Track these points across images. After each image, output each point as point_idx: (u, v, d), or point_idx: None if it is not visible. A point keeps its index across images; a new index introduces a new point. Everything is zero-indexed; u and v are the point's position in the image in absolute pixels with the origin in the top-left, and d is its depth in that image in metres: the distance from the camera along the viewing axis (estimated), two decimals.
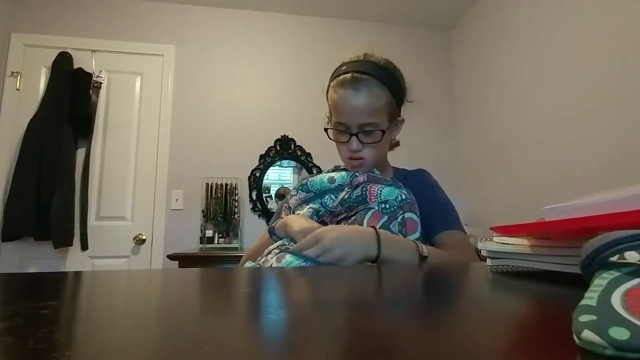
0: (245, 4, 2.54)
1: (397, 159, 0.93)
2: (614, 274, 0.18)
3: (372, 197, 0.71)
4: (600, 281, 0.17)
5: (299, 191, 0.80)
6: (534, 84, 2.00)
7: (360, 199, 0.72)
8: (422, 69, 2.76)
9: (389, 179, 0.75)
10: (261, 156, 2.44)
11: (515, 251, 0.36)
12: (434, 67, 2.79)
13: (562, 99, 1.81)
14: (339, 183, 0.76)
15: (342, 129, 0.77)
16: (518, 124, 2.11)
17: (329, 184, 0.76)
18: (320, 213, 0.76)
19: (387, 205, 0.70)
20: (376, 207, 0.70)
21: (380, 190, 0.71)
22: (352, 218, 0.72)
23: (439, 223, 0.75)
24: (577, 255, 0.20)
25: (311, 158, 2.48)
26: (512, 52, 2.18)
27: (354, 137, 0.76)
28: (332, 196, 0.76)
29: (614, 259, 0.19)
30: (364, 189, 0.72)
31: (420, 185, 0.81)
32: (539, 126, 1.96)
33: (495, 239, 0.41)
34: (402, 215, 0.69)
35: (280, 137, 2.48)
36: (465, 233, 0.78)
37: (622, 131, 1.50)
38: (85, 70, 2.26)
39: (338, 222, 0.75)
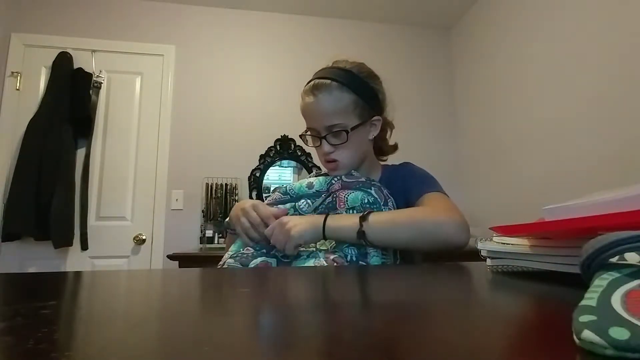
0: (245, 4, 2.54)
1: (396, 159, 0.93)
2: (614, 275, 0.18)
3: (341, 204, 0.74)
4: (601, 282, 0.17)
5: (277, 192, 0.82)
6: (534, 83, 2.00)
7: (330, 205, 0.75)
8: (422, 69, 2.76)
9: (361, 180, 0.77)
10: (261, 156, 2.44)
11: (515, 251, 0.36)
12: (434, 67, 2.79)
13: (562, 98, 1.81)
14: (317, 189, 0.77)
15: (313, 134, 0.81)
16: (518, 124, 2.11)
17: (307, 189, 0.78)
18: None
19: (354, 212, 0.72)
20: (343, 213, 0.73)
21: (347, 197, 0.74)
22: None
23: (416, 190, 0.77)
24: (577, 255, 0.20)
25: (311, 158, 2.48)
26: (512, 51, 2.18)
27: (323, 140, 0.79)
28: (309, 201, 0.78)
29: (614, 260, 0.19)
30: (334, 196, 0.75)
31: (404, 177, 0.84)
32: (539, 126, 1.96)
33: (495, 239, 0.41)
34: None
35: (280, 137, 2.48)
36: (447, 195, 0.78)
37: (622, 131, 1.50)
38: (85, 70, 2.26)
39: None
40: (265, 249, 0.71)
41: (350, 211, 0.72)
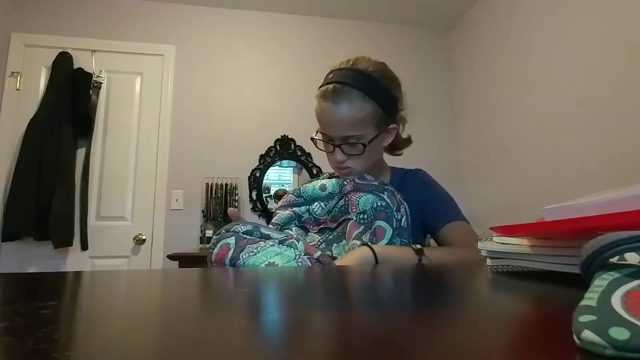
0: (245, 4, 2.54)
1: (397, 159, 0.93)
2: (614, 275, 0.18)
3: (353, 207, 0.71)
4: (600, 282, 0.17)
5: (291, 194, 0.81)
6: (534, 83, 2.00)
7: (343, 209, 0.73)
8: (422, 69, 2.76)
9: (374, 183, 0.75)
10: (261, 156, 2.44)
11: (515, 251, 0.36)
12: (434, 67, 2.79)
13: (562, 98, 1.81)
14: (330, 191, 0.76)
15: (326, 139, 0.77)
16: (518, 124, 2.11)
17: (320, 192, 0.77)
18: (303, 219, 0.77)
19: (365, 216, 0.70)
20: (354, 218, 0.70)
21: (358, 200, 0.71)
22: (337, 230, 0.73)
23: (439, 218, 0.75)
24: (577, 255, 0.20)
25: (311, 158, 2.48)
26: (512, 51, 2.18)
27: (337, 149, 0.75)
28: (322, 204, 0.76)
29: (614, 260, 0.19)
30: (347, 198, 0.73)
31: (417, 186, 0.82)
32: (539, 126, 1.96)
33: (495, 239, 0.41)
34: (374, 224, 0.69)
35: (280, 137, 2.48)
36: (468, 222, 0.78)
37: (622, 131, 1.50)
38: (85, 70, 2.26)
39: (320, 230, 0.76)
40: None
41: (361, 215, 0.69)
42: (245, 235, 0.61)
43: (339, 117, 0.72)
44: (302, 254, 0.58)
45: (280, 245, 0.59)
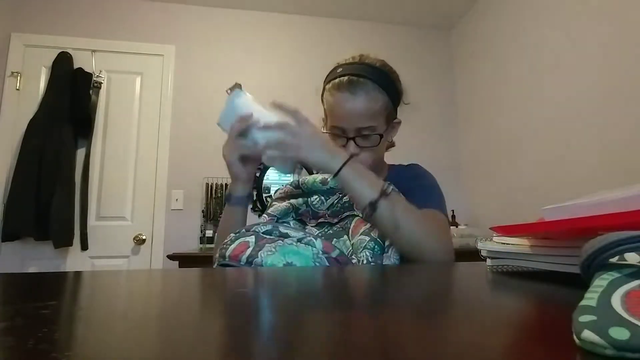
0: (245, 4, 2.54)
1: (397, 159, 0.93)
2: (614, 275, 0.18)
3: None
4: (600, 282, 0.17)
5: (288, 185, 0.80)
6: (534, 83, 2.00)
7: (347, 205, 0.72)
8: (422, 69, 2.76)
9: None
10: None
11: (515, 251, 0.36)
12: (434, 67, 2.79)
13: (562, 99, 1.81)
14: (331, 186, 0.75)
15: (338, 132, 0.76)
16: (518, 124, 2.11)
17: (320, 185, 0.76)
18: (300, 211, 0.76)
19: None
20: (361, 215, 0.69)
21: None
22: (338, 225, 0.71)
23: (419, 199, 0.71)
24: (577, 255, 0.20)
25: None
26: (512, 52, 2.18)
27: (351, 142, 0.74)
28: (322, 198, 0.75)
29: (614, 260, 0.19)
30: None
31: (410, 178, 0.81)
32: (539, 126, 1.96)
33: (495, 239, 0.41)
34: None
35: None
36: (447, 217, 0.75)
37: (622, 131, 1.50)
38: (85, 70, 2.26)
39: (319, 224, 0.74)
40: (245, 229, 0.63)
41: None
42: (265, 235, 0.60)
43: (356, 107, 0.72)
44: (320, 252, 0.57)
45: (298, 243, 0.58)
